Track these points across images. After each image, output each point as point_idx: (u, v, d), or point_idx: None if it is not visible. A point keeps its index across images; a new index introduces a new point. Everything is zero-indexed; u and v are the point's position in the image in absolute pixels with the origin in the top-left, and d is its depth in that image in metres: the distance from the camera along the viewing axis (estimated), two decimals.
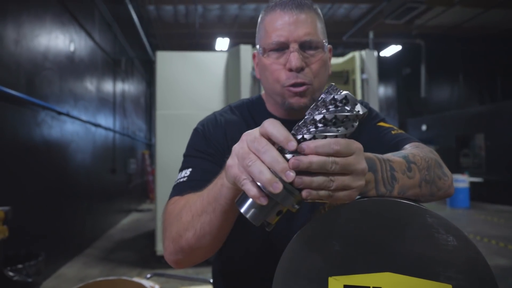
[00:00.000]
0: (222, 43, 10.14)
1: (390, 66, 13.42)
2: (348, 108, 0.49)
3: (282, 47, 0.79)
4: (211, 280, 2.08)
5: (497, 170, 10.24)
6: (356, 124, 0.50)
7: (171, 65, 4.52)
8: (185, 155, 0.88)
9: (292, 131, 0.53)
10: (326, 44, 0.83)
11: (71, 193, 4.82)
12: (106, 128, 6.55)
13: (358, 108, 0.49)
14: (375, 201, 0.59)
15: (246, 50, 4.32)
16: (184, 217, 0.68)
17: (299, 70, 0.78)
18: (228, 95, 4.56)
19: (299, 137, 0.50)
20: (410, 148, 0.75)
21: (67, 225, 4.67)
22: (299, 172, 0.48)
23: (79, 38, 5.18)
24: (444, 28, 10.94)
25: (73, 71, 4.96)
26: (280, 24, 0.79)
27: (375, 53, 4.66)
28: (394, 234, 0.57)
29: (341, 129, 0.49)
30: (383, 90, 14.82)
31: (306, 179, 0.47)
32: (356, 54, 4.40)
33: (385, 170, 0.60)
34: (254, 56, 0.89)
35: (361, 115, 0.50)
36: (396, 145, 0.82)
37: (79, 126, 5.13)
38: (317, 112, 0.51)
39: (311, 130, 0.50)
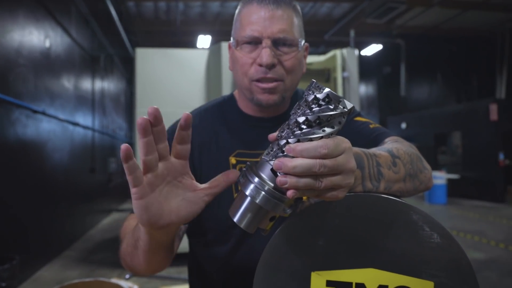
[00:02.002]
0: (204, 40, 10.04)
1: (371, 65, 13.61)
2: (331, 107, 0.47)
3: (255, 42, 0.78)
4: None
5: (473, 167, 10.54)
6: (343, 120, 0.48)
7: (151, 62, 4.44)
8: None
9: (277, 134, 0.51)
10: (302, 42, 0.81)
11: (49, 194, 4.68)
12: (84, 127, 6.39)
13: (344, 104, 0.47)
14: (361, 197, 0.57)
15: (227, 48, 4.28)
16: (124, 242, 0.71)
17: (270, 66, 0.76)
18: (209, 93, 4.52)
19: (283, 142, 0.48)
20: (391, 143, 0.74)
21: (44, 227, 4.53)
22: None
23: (55, 34, 5.03)
24: (423, 28, 11.17)
25: (49, 68, 4.81)
26: (255, 18, 0.77)
27: (356, 52, 4.70)
28: (379, 231, 0.56)
29: (327, 129, 0.47)
30: (364, 89, 15.03)
31: (292, 179, 0.45)
32: (338, 52, 4.43)
33: (372, 166, 0.59)
34: (229, 47, 0.86)
35: (347, 112, 0.48)
36: (375, 139, 0.82)
37: (56, 125, 4.98)
38: (299, 112, 0.49)
39: (296, 132, 0.48)
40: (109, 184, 8.55)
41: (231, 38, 0.84)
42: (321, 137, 0.47)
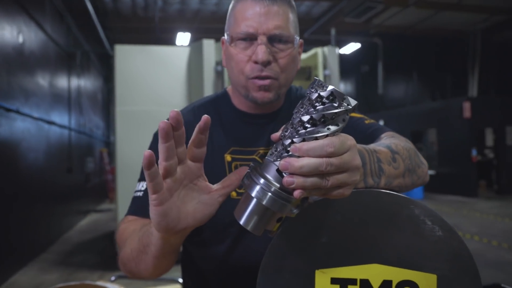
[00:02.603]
0: (183, 38, 9.92)
1: (350, 63, 13.82)
2: (335, 104, 0.46)
3: (250, 38, 0.76)
4: (180, 280, 2.02)
5: (448, 163, 10.88)
6: (347, 117, 0.48)
7: (131, 59, 4.35)
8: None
9: (281, 133, 0.50)
10: (297, 38, 0.80)
11: (23, 195, 4.52)
12: (60, 126, 6.20)
13: (348, 101, 0.47)
14: (363, 193, 0.57)
15: (209, 45, 4.25)
16: (127, 247, 0.69)
17: (265, 64, 0.75)
18: (190, 91, 4.47)
19: (288, 141, 0.47)
20: (388, 138, 0.75)
21: (19, 230, 4.37)
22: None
23: (28, 29, 4.85)
24: (400, 28, 11.42)
25: (23, 65, 4.64)
26: (250, 14, 0.75)
27: (337, 50, 4.75)
28: (382, 226, 0.56)
29: (332, 127, 0.46)
30: (343, 87, 15.25)
31: (299, 179, 0.44)
32: (319, 50, 4.46)
33: (373, 162, 0.59)
34: (222, 42, 0.84)
35: (351, 109, 0.47)
36: (372, 135, 0.82)
37: (31, 123, 4.81)
38: (303, 111, 0.48)
39: (300, 132, 0.47)
40: (87, 184, 8.35)
41: (225, 34, 0.82)
42: (327, 136, 0.46)
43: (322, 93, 0.46)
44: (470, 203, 9.07)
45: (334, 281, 0.56)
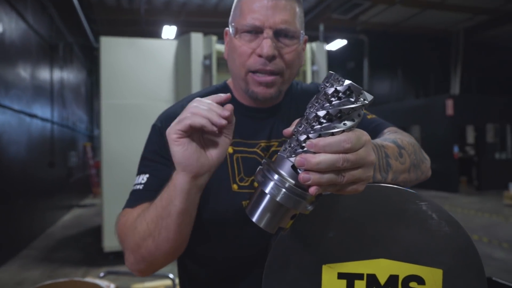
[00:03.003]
0: (169, 31, 9.77)
1: (336, 59, 13.88)
2: (352, 99, 0.45)
3: (255, 31, 0.74)
4: (170, 275, 2.00)
5: (431, 159, 11.05)
6: (362, 112, 0.47)
7: (117, 52, 4.26)
8: (142, 156, 0.81)
9: (294, 129, 0.49)
10: (303, 34, 0.79)
11: (4, 189, 4.39)
12: (43, 119, 6.04)
13: (364, 96, 0.46)
14: (371, 188, 0.57)
15: (197, 39, 4.20)
16: (139, 226, 0.66)
17: (270, 58, 0.73)
18: (178, 85, 4.41)
19: (303, 137, 0.46)
20: (392, 133, 0.75)
21: (0, 225, 4.25)
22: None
23: (9, 19, 4.69)
24: (385, 25, 11.54)
25: (3, 55, 4.49)
26: (257, 7, 0.73)
27: (325, 46, 4.77)
28: (389, 221, 0.56)
29: (348, 122, 0.46)
30: None
31: (315, 176, 0.44)
32: (307, 46, 4.47)
33: (381, 157, 0.59)
34: (226, 33, 0.83)
35: (368, 104, 0.46)
36: (375, 130, 0.82)
37: (12, 116, 4.67)
38: (317, 106, 0.47)
39: (316, 127, 0.46)
40: (70, 179, 8.18)
41: (229, 25, 0.80)
42: (343, 131, 0.45)
43: (339, 88, 0.45)
44: (452, 199, 9.29)
45: (341, 276, 0.56)
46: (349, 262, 0.56)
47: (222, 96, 0.59)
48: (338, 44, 12.21)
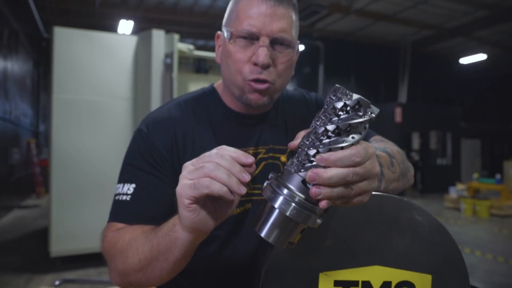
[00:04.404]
0: (126, 26, 9.42)
1: None
2: (361, 113, 0.46)
3: (251, 38, 0.74)
4: None
5: None
6: (367, 125, 0.48)
7: (72, 44, 4.03)
8: (126, 163, 0.77)
9: (300, 142, 0.49)
10: (298, 43, 0.79)
11: None
12: None
13: (372, 110, 0.47)
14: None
15: (158, 36, 4.09)
16: (130, 258, 0.64)
17: (265, 67, 0.73)
18: (137, 82, 4.27)
19: (313, 151, 0.46)
20: (378, 142, 0.77)
21: None
22: None
23: None
24: (341, 33, 12.01)
25: None
26: (255, 13, 0.72)
27: None
28: (384, 229, 0.58)
29: (356, 136, 0.47)
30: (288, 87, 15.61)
31: (326, 190, 0.44)
32: None
33: None
34: (218, 37, 0.81)
35: (374, 117, 0.48)
36: None
37: None
38: (325, 120, 0.47)
39: (324, 141, 0.46)
40: (11, 178, 7.60)
41: (223, 28, 0.78)
42: (351, 145, 0.46)
43: (348, 102, 0.46)
44: None
45: (337, 283, 0.57)
46: (344, 270, 0.57)
47: (249, 159, 0.53)
48: None
